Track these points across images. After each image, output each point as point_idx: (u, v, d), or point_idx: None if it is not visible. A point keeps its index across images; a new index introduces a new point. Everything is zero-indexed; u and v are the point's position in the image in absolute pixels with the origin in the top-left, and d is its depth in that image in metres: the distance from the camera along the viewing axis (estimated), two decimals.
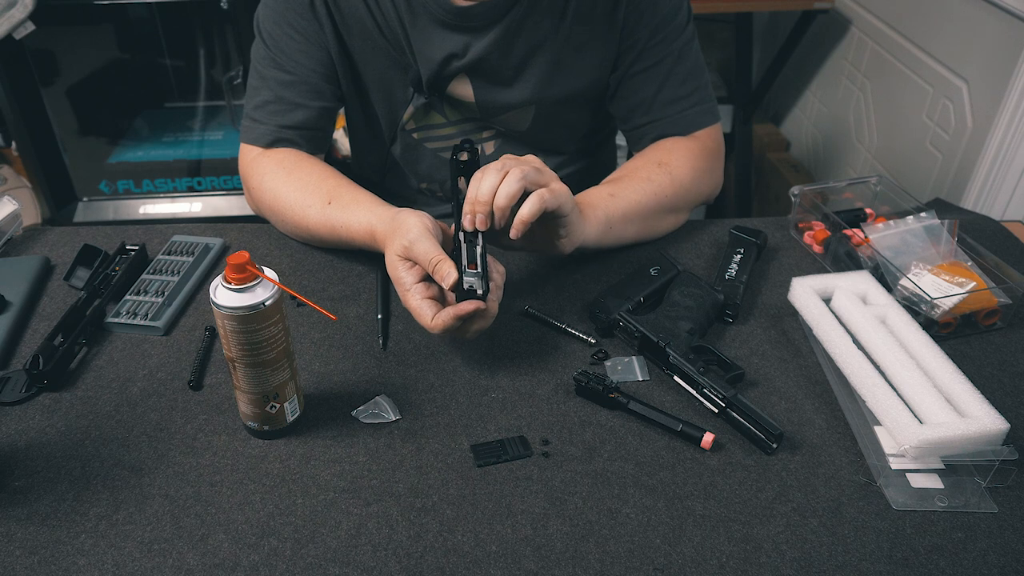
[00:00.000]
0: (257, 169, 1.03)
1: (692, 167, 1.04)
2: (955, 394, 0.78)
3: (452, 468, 0.74)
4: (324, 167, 1.01)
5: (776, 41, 2.26)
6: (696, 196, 1.07)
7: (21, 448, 0.76)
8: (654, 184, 1.01)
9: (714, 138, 1.10)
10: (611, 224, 0.96)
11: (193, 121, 2.12)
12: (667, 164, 1.03)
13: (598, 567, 0.66)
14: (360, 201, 0.94)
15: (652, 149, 1.07)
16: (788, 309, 0.94)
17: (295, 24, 1.00)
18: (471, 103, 1.07)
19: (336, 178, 0.99)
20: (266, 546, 0.67)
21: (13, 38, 1.72)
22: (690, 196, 1.06)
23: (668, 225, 1.06)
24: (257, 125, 1.03)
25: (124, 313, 0.91)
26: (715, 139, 1.10)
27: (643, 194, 1.00)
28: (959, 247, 0.98)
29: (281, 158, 1.02)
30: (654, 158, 1.04)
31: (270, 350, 0.71)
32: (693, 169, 1.05)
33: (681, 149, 1.06)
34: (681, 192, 1.03)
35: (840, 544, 0.68)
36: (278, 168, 1.01)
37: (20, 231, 1.08)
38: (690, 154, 1.05)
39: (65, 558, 0.66)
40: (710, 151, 1.08)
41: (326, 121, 1.07)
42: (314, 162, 1.03)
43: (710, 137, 1.09)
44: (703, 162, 1.07)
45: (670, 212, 1.05)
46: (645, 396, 0.82)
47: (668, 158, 1.04)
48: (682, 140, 1.07)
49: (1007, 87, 1.38)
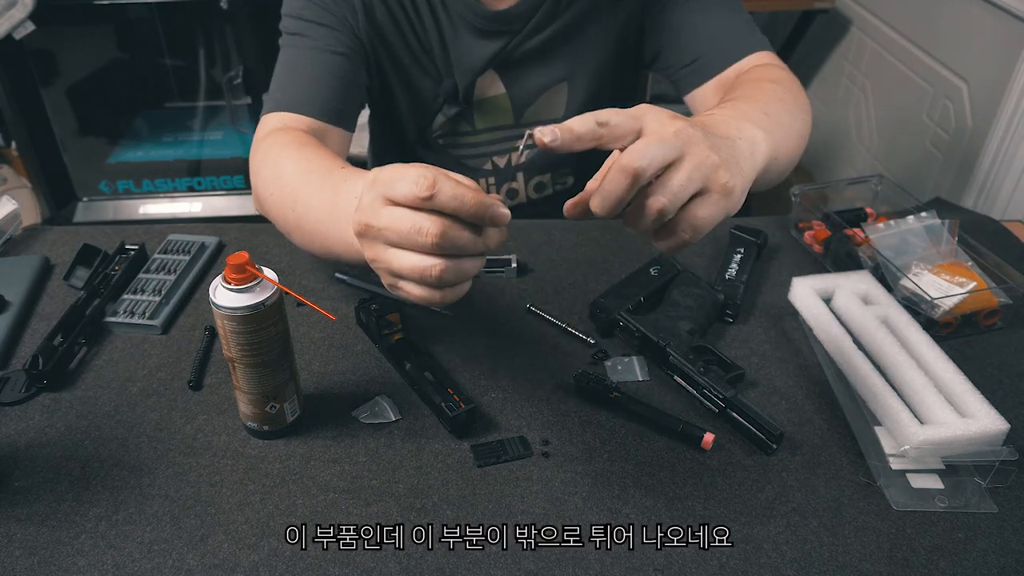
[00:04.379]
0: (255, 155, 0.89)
1: (793, 82, 0.89)
2: (955, 394, 0.78)
3: (452, 468, 0.74)
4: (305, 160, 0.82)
5: (776, 41, 2.26)
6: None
7: (21, 448, 0.76)
8: (787, 104, 0.82)
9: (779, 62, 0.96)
10: (776, 155, 0.73)
11: (193, 121, 2.12)
12: (779, 81, 0.86)
13: (598, 567, 0.66)
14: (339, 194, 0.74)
15: (746, 72, 0.92)
16: (788, 309, 0.94)
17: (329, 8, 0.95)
18: (502, 97, 1.06)
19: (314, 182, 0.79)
20: (266, 546, 0.67)
21: (13, 38, 1.72)
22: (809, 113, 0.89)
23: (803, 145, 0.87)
24: (282, 93, 0.94)
25: (122, 312, 0.91)
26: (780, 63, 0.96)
27: (791, 114, 0.81)
28: (959, 247, 0.98)
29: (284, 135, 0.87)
30: (763, 75, 0.87)
31: (270, 350, 0.71)
32: (796, 85, 0.89)
33: (778, 66, 0.92)
34: (804, 108, 0.87)
35: (840, 544, 0.68)
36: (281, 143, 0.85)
37: (20, 231, 1.08)
38: (779, 70, 0.91)
39: (65, 558, 0.66)
40: (784, 69, 0.94)
41: (352, 99, 0.97)
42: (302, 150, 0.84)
43: (776, 60, 0.96)
44: (792, 77, 0.91)
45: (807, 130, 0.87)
46: (645, 396, 0.82)
47: (774, 75, 0.88)
48: (768, 58, 0.94)
49: (1007, 87, 1.38)
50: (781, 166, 0.80)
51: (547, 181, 1.14)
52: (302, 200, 0.77)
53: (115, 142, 2.09)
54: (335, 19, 0.96)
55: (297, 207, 0.78)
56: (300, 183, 0.78)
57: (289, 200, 0.79)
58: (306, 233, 0.78)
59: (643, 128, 0.57)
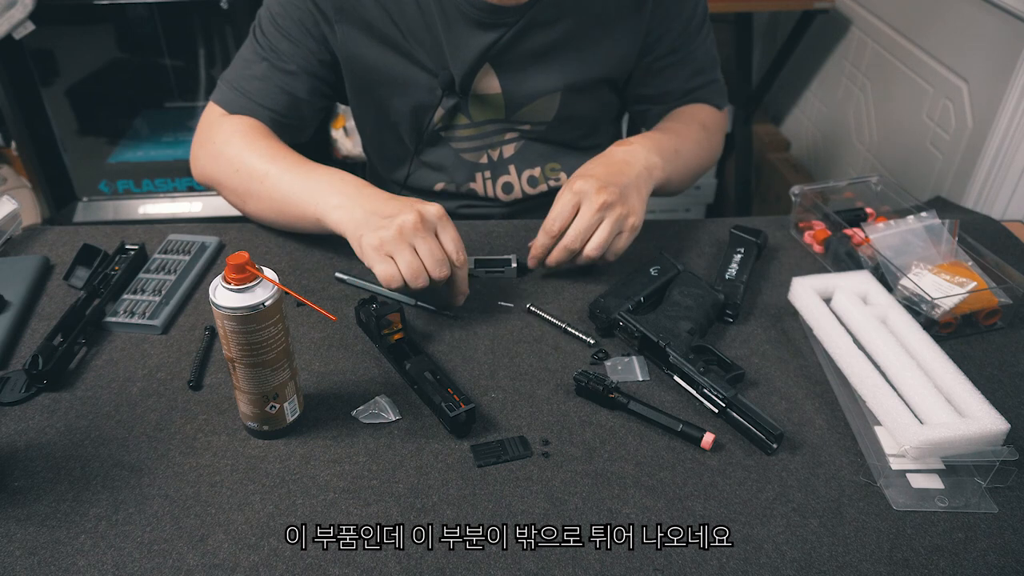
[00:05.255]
0: (220, 131, 1.03)
1: (721, 138, 1.19)
2: (955, 394, 0.78)
3: (452, 468, 0.74)
4: (283, 144, 1.01)
5: (776, 41, 2.26)
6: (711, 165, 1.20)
7: (21, 448, 0.76)
8: (703, 147, 1.12)
9: (727, 118, 1.24)
10: (669, 184, 1.05)
11: (193, 121, 2.11)
12: (709, 128, 1.14)
13: (598, 567, 0.66)
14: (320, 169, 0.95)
15: (688, 111, 1.15)
16: (788, 309, 0.94)
17: (301, 19, 1.01)
18: (497, 96, 1.07)
19: (295, 154, 0.99)
20: (266, 546, 0.67)
21: (13, 38, 1.72)
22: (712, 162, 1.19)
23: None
24: (236, 94, 1.04)
25: (122, 312, 0.91)
26: (727, 119, 1.25)
27: (697, 157, 1.11)
28: (960, 247, 0.98)
29: (247, 125, 1.02)
30: (697, 119, 1.14)
31: (270, 350, 0.71)
32: (721, 139, 1.19)
33: (717, 118, 1.18)
34: (714, 155, 1.18)
35: (840, 544, 0.68)
36: (248, 128, 1.02)
37: (20, 231, 1.08)
38: (721, 124, 1.19)
39: (65, 558, 0.66)
40: (725, 126, 1.21)
41: (306, 114, 1.08)
42: (275, 138, 1.03)
43: (726, 116, 1.22)
44: (723, 134, 1.20)
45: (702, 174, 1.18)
46: (645, 396, 0.82)
47: (709, 120, 1.15)
48: (714, 110, 1.18)
49: (1007, 87, 1.37)
50: (673, 187, 1.08)
51: (539, 175, 1.16)
52: (272, 175, 0.96)
53: (115, 142, 2.09)
54: (303, 32, 1.02)
55: (266, 181, 0.97)
56: (270, 163, 0.97)
57: (258, 174, 0.97)
58: (271, 196, 0.97)
59: (579, 203, 0.91)
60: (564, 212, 0.92)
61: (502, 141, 1.14)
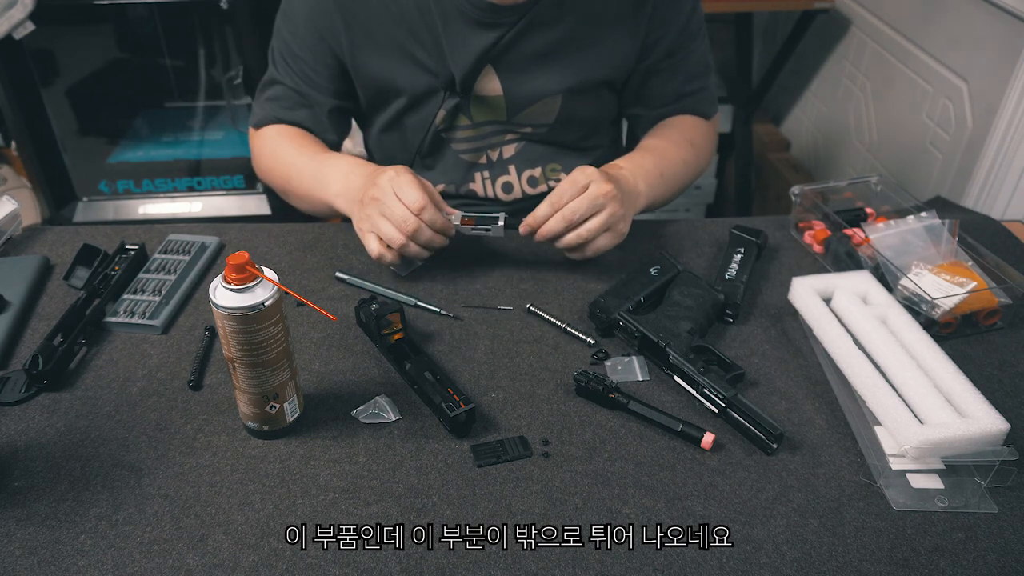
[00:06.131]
0: (258, 140, 1.15)
1: (711, 151, 1.20)
2: (955, 394, 0.78)
3: (452, 468, 0.74)
4: (299, 142, 1.11)
5: (776, 41, 2.26)
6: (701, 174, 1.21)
7: (21, 448, 0.76)
8: (689, 166, 1.13)
9: (718, 125, 1.24)
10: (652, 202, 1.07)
11: (193, 121, 2.11)
12: (697, 146, 1.15)
13: (598, 567, 0.66)
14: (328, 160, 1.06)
15: (678, 126, 1.16)
16: (788, 309, 0.94)
17: (312, 34, 1.06)
18: (498, 98, 1.08)
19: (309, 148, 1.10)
20: (266, 546, 0.67)
21: (13, 38, 1.72)
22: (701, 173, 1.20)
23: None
24: (263, 112, 1.14)
25: (122, 312, 0.91)
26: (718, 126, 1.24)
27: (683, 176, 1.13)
28: (960, 247, 0.98)
29: (277, 129, 1.13)
30: (687, 136, 1.14)
31: (270, 350, 0.71)
32: (711, 152, 1.20)
33: (707, 131, 1.19)
34: (702, 170, 1.19)
35: (840, 544, 0.68)
36: (276, 134, 1.12)
37: (20, 231, 1.08)
38: (711, 137, 1.20)
39: (65, 558, 0.66)
40: (715, 137, 1.22)
41: (328, 125, 1.14)
42: (295, 136, 1.12)
43: (716, 124, 1.22)
44: (713, 145, 1.21)
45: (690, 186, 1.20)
46: (645, 396, 0.82)
47: (698, 137, 1.16)
48: (704, 123, 1.18)
49: (1007, 87, 1.37)
50: (654, 208, 1.10)
51: (539, 175, 1.16)
52: (295, 168, 1.08)
53: (115, 142, 2.09)
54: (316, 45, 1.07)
55: (291, 182, 1.10)
56: (295, 160, 1.09)
57: (289, 171, 1.10)
58: (299, 192, 1.10)
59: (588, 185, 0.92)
60: (573, 189, 0.93)
61: (502, 142, 1.14)
